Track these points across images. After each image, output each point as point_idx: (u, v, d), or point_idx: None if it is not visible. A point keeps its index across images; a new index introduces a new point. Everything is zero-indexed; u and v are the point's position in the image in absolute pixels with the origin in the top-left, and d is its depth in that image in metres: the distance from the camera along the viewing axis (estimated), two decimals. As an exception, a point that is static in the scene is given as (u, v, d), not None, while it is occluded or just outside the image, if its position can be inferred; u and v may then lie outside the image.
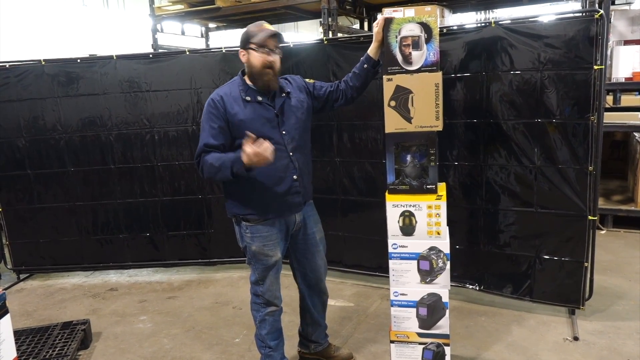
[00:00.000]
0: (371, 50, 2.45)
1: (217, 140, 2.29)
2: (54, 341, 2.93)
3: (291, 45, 3.72)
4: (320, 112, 2.65)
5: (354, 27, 6.91)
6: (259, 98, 2.34)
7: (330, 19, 5.06)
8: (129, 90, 3.94)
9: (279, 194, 2.37)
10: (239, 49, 2.36)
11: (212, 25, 7.36)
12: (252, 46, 2.28)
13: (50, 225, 4.18)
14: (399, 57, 2.27)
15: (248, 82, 2.37)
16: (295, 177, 2.39)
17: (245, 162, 2.13)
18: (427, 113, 2.28)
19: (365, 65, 2.48)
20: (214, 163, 2.23)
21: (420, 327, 2.49)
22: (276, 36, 2.30)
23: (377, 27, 2.35)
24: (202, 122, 2.35)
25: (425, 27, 2.23)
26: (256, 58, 2.29)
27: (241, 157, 2.14)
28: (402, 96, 2.28)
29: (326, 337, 2.81)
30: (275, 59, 2.31)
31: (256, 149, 2.09)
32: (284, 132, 2.37)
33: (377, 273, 3.68)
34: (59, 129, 4.00)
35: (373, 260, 3.68)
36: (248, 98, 2.33)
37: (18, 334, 2.99)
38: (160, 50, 6.19)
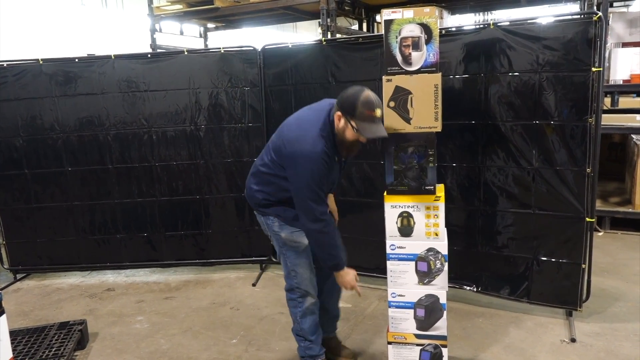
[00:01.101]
0: None
1: None
2: (50, 341, 2.91)
3: (290, 46, 3.72)
4: None
5: (353, 27, 6.91)
6: (342, 159, 2.44)
7: (329, 20, 5.06)
8: (127, 90, 3.93)
9: None
10: (339, 110, 2.24)
11: (210, 25, 7.35)
12: (353, 124, 2.20)
13: (48, 225, 4.16)
14: (399, 58, 2.27)
15: (336, 146, 2.34)
16: None
17: (341, 277, 2.42)
18: (426, 114, 2.28)
19: None
20: (331, 250, 2.37)
21: (418, 328, 2.49)
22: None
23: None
24: (315, 174, 2.24)
25: (426, 28, 2.23)
26: (351, 134, 2.25)
27: (343, 270, 2.42)
28: (401, 97, 2.28)
29: (333, 327, 2.84)
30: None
31: (356, 289, 2.45)
32: (333, 184, 2.53)
33: (374, 274, 3.68)
34: (56, 128, 3.99)
35: (371, 261, 3.67)
36: (336, 159, 2.38)
37: (14, 334, 2.97)
38: (158, 50, 6.19)
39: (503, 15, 10.82)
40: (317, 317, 2.62)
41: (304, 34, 17.67)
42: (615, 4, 7.20)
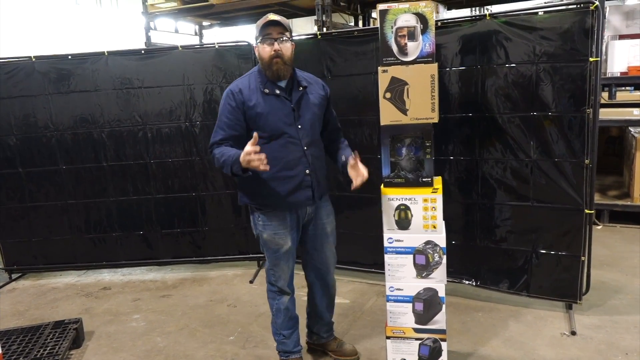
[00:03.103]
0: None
1: (231, 133, 2.31)
2: (45, 340, 2.88)
3: (285, 40, 3.68)
4: None
5: (349, 24, 6.88)
6: (277, 91, 2.33)
7: (324, 16, 5.03)
8: (120, 87, 3.89)
9: (290, 188, 2.36)
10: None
11: (205, 23, 7.31)
12: (258, 39, 2.30)
13: (43, 224, 4.12)
14: (395, 48, 2.25)
15: (265, 74, 2.34)
16: (307, 171, 2.39)
17: (242, 163, 2.12)
18: (422, 105, 2.25)
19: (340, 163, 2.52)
20: (220, 158, 2.26)
21: (417, 322, 2.46)
22: (277, 23, 2.26)
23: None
24: (219, 112, 2.36)
25: (421, 18, 2.20)
26: (262, 49, 2.28)
27: (238, 162, 2.14)
28: (397, 88, 2.25)
29: (329, 332, 2.81)
30: (282, 47, 2.26)
31: (250, 157, 2.07)
32: (299, 127, 2.36)
33: (372, 269, 3.65)
34: (50, 126, 3.95)
35: (369, 257, 3.64)
36: (266, 90, 2.32)
37: (8, 334, 2.95)
38: (152, 47, 6.13)
39: (499, 11, 10.80)
40: (292, 313, 2.60)
41: (300, 32, 17.63)
42: (611, -3, 7.19)
